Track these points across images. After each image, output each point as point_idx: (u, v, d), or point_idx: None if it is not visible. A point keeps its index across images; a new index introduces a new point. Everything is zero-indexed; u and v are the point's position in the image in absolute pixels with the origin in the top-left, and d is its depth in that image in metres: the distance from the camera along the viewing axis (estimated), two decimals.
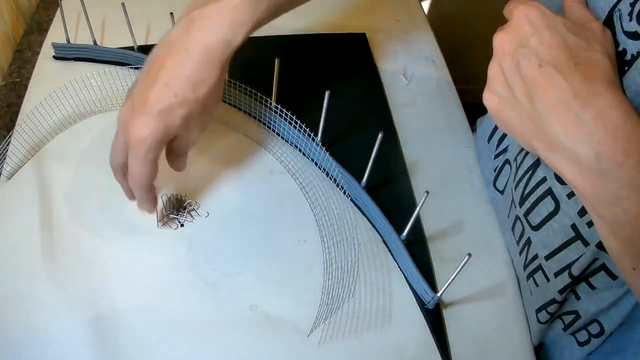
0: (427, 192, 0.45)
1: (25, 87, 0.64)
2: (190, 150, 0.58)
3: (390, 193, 0.55)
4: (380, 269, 0.50)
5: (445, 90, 0.67)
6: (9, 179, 0.55)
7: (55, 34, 0.69)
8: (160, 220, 0.52)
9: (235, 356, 0.45)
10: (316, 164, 0.57)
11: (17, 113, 0.61)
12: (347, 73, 0.67)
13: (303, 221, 0.53)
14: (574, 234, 0.40)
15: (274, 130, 0.60)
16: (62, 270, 0.48)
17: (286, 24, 0.72)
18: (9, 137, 0.55)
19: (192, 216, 0.53)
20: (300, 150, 0.58)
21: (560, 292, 0.43)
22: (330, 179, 0.55)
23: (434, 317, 0.47)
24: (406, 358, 0.45)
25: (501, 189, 0.54)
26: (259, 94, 0.57)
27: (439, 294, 0.46)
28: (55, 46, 0.65)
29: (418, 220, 0.53)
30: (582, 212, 0.39)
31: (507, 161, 0.51)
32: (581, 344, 0.46)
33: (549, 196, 0.42)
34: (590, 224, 0.38)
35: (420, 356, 0.45)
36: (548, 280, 0.45)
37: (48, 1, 0.78)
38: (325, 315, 0.46)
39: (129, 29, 0.62)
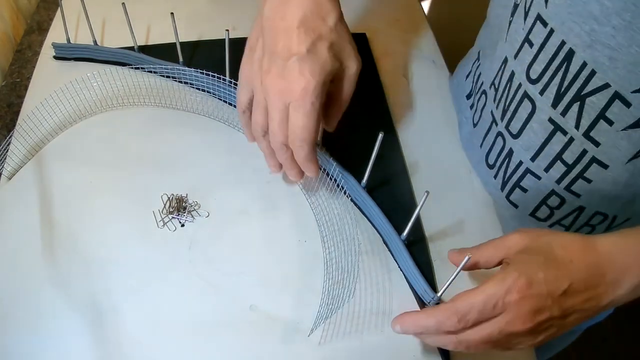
0: (427, 192, 0.45)
1: (26, 87, 0.64)
2: (190, 150, 0.58)
3: (390, 193, 0.55)
4: (380, 269, 0.50)
5: (445, 90, 0.67)
6: (10, 179, 0.55)
7: (55, 34, 0.69)
8: (160, 220, 0.52)
9: (235, 356, 0.45)
10: None
11: (17, 113, 0.61)
12: None
13: (303, 221, 0.53)
14: (552, 127, 0.44)
15: None
16: (62, 270, 0.48)
17: None
18: (9, 137, 0.55)
19: (192, 216, 0.53)
20: None
21: (558, 181, 0.47)
22: (331, 179, 0.55)
23: None
24: (406, 358, 0.45)
25: (476, 122, 0.57)
26: None
27: (439, 294, 0.46)
28: (55, 46, 0.65)
29: (418, 220, 0.53)
30: (555, 103, 0.43)
31: (483, 92, 0.55)
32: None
33: (525, 99, 0.46)
34: (563, 113, 0.43)
35: (420, 356, 0.45)
36: (539, 178, 0.48)
37: (48, 1, 0.78)
38: (326, 316, 0.46)
39: (129, 29, 0.62)
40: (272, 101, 0.44)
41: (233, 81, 0.58)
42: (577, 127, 0.42)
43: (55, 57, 0.66)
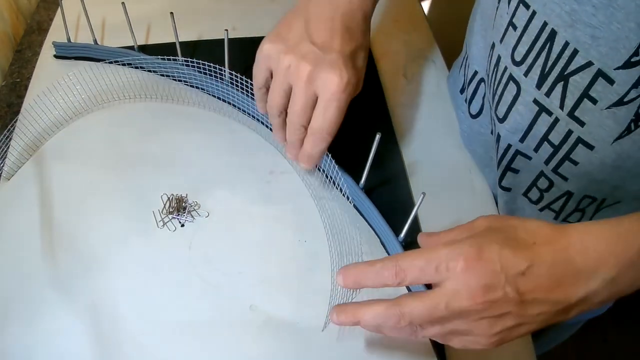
0: (424, 194, 0.45)
1: (26, 88, 0.64)
2: (190, 150, 0.58)
3: (389, 194, 0.55)
4: None
5: (445, 90, 0.67)
6: (9, 179, 0.55)
7: (55, 34, 0.69)
8: (160, 221, 0.52)
9: (235, 356, 0.45)
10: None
11: (17, 113, 0.61)
12: None
13: (303, 221, 0.53)
14: (537, 108, 0.45)
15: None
16: (62, 270, 0.49)
17: None
18: (9, 139, 0.55)
19: (192, 216, 0.53)
20: None
21: (546, 162, 0.47)
22: (330, 180, 0.55)
23: None
24: (406, 358, 0.45)
25: (475, 113, 0.57)
26: None
27: None
28: (56, 45, 0.65)
29: (416, 222, 0.53)
30: (539, 84, 0.43)
31: (481, 80, 0.55)
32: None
33: (511, 81, 0.46)
34: (547, 93, 0.43)
35: (419, 356, 0.46)
36: (530, 158, 0.49)
37: (48, 1, 0.78)
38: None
39: (129, 28, 0.62)
40: (299, 85, 0.45)
41: (232, 75, 0.58)
42: (561, 107, 0.43)
43: (56, 56, 0.66)
